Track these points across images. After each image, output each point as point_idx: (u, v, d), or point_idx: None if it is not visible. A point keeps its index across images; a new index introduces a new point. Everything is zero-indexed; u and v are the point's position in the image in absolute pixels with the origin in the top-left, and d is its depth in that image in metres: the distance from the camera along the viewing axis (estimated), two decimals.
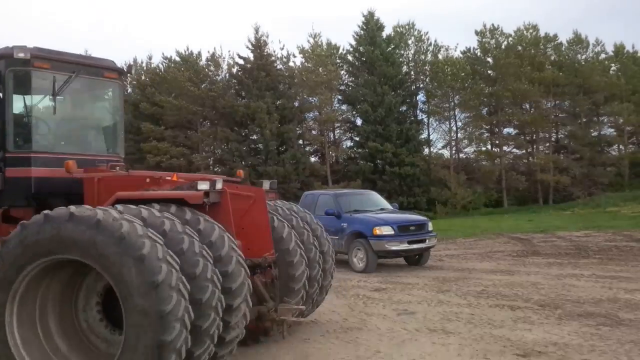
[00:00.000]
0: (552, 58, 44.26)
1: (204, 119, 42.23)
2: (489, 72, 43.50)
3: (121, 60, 70.58)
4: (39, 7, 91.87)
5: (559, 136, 47.26)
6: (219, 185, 6.10)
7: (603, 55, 45.92)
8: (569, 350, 6.54)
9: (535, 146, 45.27)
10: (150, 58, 46.97)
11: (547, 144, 45.30)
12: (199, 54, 43.51)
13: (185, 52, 43.20)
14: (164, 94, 39.63)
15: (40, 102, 7.26)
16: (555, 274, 12.11)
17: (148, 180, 6.49)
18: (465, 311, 8.82)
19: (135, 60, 47.33)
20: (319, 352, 6.91)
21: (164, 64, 44.28)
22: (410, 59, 44.25)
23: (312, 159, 42.78)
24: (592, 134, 45.50)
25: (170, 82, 40.19)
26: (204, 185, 5.98)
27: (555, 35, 44.10)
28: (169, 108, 38.93)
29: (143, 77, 44.57)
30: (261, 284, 6.63)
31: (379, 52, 39.18)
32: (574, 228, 22.04)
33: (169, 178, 6.50)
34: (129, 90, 46.86)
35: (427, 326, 7.96)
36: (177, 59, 43.25)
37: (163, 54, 62.96)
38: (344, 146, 43.73)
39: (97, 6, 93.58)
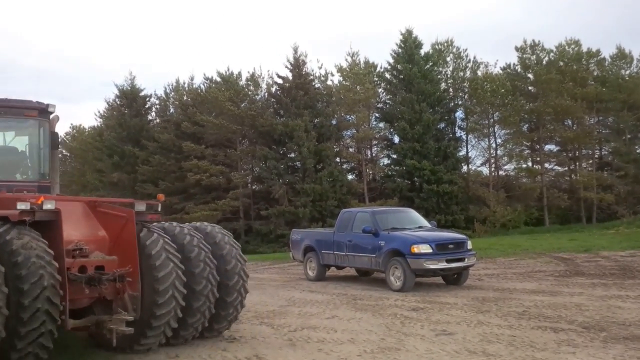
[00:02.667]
0: (595, 73, 43.42)
1: (243, 138, 42.77)
2: (530, 88, 42.89)
3: (164, 82, 72.02)
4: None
5: (603, 153, 46.16)
6: (47, 206, 7.11)
7: None
8: None
9: (577, 163, 44.29)
10: (192, 79, 47.87)
11: (590, 161, 44.26)
12: (239, 74, 44.18)
13: (225, 72, 43.92)
14: (205, 114, 40.32)
15: None
16: (600, 295, 11.77)
17: None
18: (506, 333, 8.65)
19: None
20: None
21: (205, 84, 45.12)
22: (448, 75, 43.97)
23: (349, 177, 42.78)
24: (637, 151, 44.30)
25: (211, 102, 40.89)
26: (22, 206, 7.02)
27: (598, 51, 43.28)
28: (210, 127, 39.57)
29: (185, 98, 45.46)
30: (114, 296, 7.47)
31: (417, 70, 39.09)
32: (619, 247, 21.41)
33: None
34: (172, 110, 47.94)
35: (467, 348, 7.83)
36: (218, 79, 43.99)
37: (204, 74, 64.09)
38: (381, 164, 43.62)
39: (141, 29, 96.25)
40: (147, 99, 48.24)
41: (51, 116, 9.22)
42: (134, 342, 7.72)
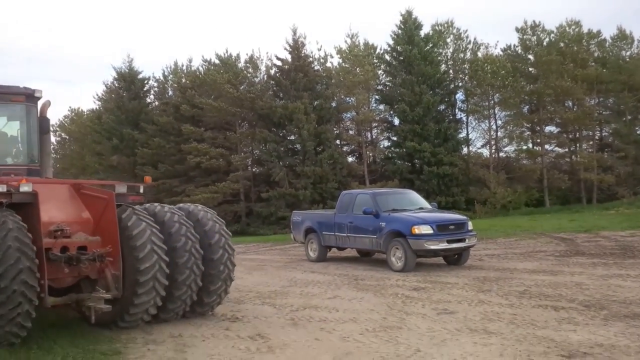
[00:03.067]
0: (596, 55, 43.20)
1: (243, 120, 42.65)
2: (530, 69, 42.65)
3: (162, 64, 71.73)
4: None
5: (603, 134, 46.09)
6: (24, 188, 7.37)
7: None
8: (616, 352, 6.38)
9: (578, 144, 44.22)
10: (190, 61, 47.75)
11: (591, 142, 44.19)
12: (238, 56, 43.96)
13: (224, 54, 43.69)
14: (204, 96, 40.19)
15: None
16: (600, 274, 11.80)
17: None
18: (507, 311, 8.68)
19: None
20: (359, 350, 6.91)
21: (203, 66, 44.93)
22: (449, 57, 43.73)
23: (350, 159, 42.76)
24: (638, 132, 44.21)
25: (210, 85, 40.73)
26: None
27: (599, 32, 43.03)
28: (209, 110, 39.44)
29: (183, 80, 45.27)
30: (97, 275, 7.81)
31: (417, 51, 38.84)
32: (619, 228, 21.43)
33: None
34: (170, 93, 47.76)
35: (468, 326, 7.86)
36: (217, 61, 43.77)
37: (203, 56, 63.95)
38: (382, 146, 43.60)
39: (138, 11, 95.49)
40: (146, 82, 48.04)
41: (42, 101, 9.42)
42: (118, 319, 8.03)
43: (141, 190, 8.89)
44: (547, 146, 43.40)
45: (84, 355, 6.92)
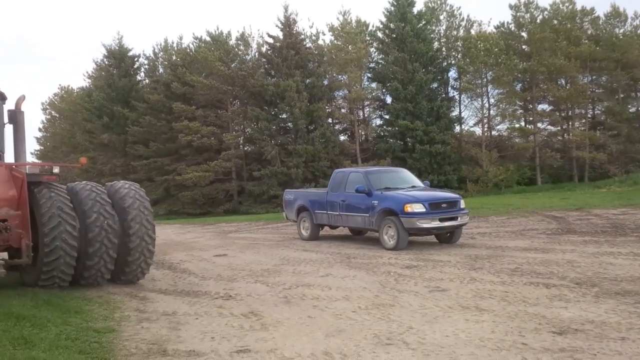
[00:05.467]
0: (589, 32, 43.18)
1: (234, 98, 42.42)
2: (524, 47, 42.59)
3: (152, 42, 71.04)
4: None
5: (596, 112, 46.21)
6: None
7: None
8: (607, 328, 6.42)
9: (570, 123, 44.32)
10: (181, 38, 47.88)
11: (583, 120, 44.30)
12: (229, 33, 43.64)
13: (215, 32, 43.32)
14: (195, 74, 39.88)
15: None
16: (592, 252, 11.86)
17: None
18: (499, 289, 8.72)
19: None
20: (352, 327, 6.92)
21: (194, 44, 44.59)
22: (441, 34, 43.53)
23: (342, 138, 42.75)
24: (630, 110, 44.38)
25: (201, 62, 40.42)
26: None
27: (593, 9, 42.95)
28: (200, 87, 39.18)
29: (174, 57, 44.87)
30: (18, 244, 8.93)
31: (410, 29, 38.59)
32: (611, 206, 21.55)
33: None
34: (160, 70, 47.35)
35: (460, 303, 7.89)
36: (208, 38, 43.39)
37: (194, 34, 63.41)
38: (374, 124, 43.50)
39: None
40: (136, 59, 47.62)
41: (17, 97, 10.57)
42: (37, 282, 9.25)
43: (54, 171, 9.79)
44: (539, 124, 43.52)
45: (78, 332, 6.89)
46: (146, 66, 48.74)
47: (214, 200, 40.02)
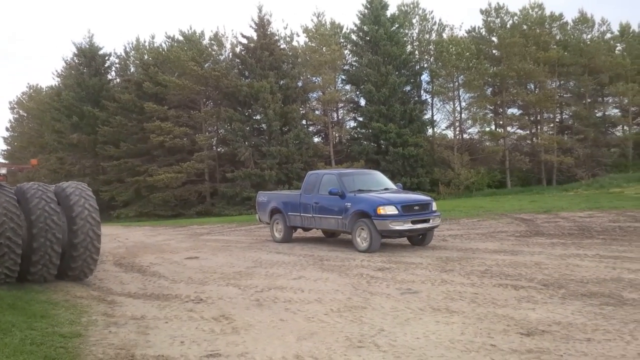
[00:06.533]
0: (558, 37, 43.96)
1: (207, 99, 42.15)
2: (494, 51, 43.18)
3: (123, 40, 70.07)
4: None
5: (564, 117, 47.07)
6: None
7: (608, 35, 45.66)
8: (573, 330, 6.55)
9: (539, 127, 45.08)
10: (153, 37, 47.53)
11: (552, 125, 45.11)
12: (202, 33, 43.40)
13: (188, 31, 43.07)
14: (167, 74, 39.51)
15: None
16: (559, 254, 12.09)
17: None
18: (469, 290, 8.83)
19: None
20: (323, 330, 6.94)
21: (167, 43, 44.19)
22: (414, 38, 43.95)
23: (316, 139, 42.78)
24: (597, 115, 45.33)
25: (174, 62, 40.04)
26: None
27: (561, 15, 43.77)
28: (172, 87, 38.81)
29: (146, 57, 44.39)
30: None
31: (383, 32, 38.86)
32: (578, 208, 21.96)
33: None
34: (132, 69, 46.80)
35: (431, 305, 7.97)
36: (180, 38, 43.08)
37: (166, 33, 62.75)
38: (348, 126, 43.67)
39: None
40: (107, 58, 47.01)
41: None
42: None
43: (3, 172, 10.70)
44: (509, 128, 44.18)
45: (43, 337, 6.75)
46: (117, 65, 48.16)
47: (186, 202, 39.68)
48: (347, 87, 42.94)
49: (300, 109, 40.36)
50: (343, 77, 42.79)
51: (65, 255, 10.20)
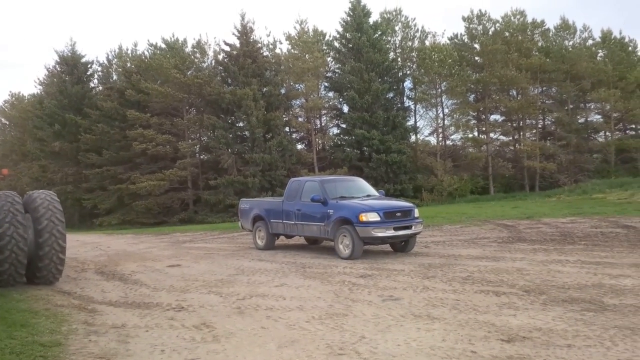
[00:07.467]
0: (540, 44, 44.45)
1: (190, 106, 41.98)
2: (476, 58, 43.54)
3: (106, 48, 69.64)
4: None
5: (546, 123, 47.53)
6: None
7: (590, 42, 46.23)
8: (554, 336, 6.56)
9: (521, 133, 45.48)
10: (135, 45, 46.94)
11: (534, 131, 45.54)
12: (185, 41, 43.23)
13: (170, 39, 42.88)
14: (150, 81, 39.28)
15: None
16: (541, 260, 12.14)
17: None
18: (451, 297, 8.83)
19: None
20: (305, 337, 6.89)
21: (149, 50, 43.99)
22: (397, 45, 44.17)
23: (299, 146, 42.77)
24: (579, 121, 45.83)
25: (156, 69, 39.84)
26: None
27: (543, 21, 44.37)
28: (155, 95, 38.60)
29: (129, 64, 44.13)
30: None
31: (366, 39, 39.02)
32: (560, 214, 22.13)
33: None
34: (114, 77, 46.51)
35: (412, 312, 7.95)
36: (163, 45, 42.91)
37: (148, 40, 62.59)
38: (331, 133, 43.69)
39: None
40: (89, 66, 46.69)
41: None
42: None
43: None
44: (491, 134, 44.53)
45: (23, 347, 6.66)
46: (99, 73, 47.84)
47: (169, 209, 39.40)
48: (330, 94, 43.04)
49: (284, 116, 40.34)
50: (326, 84, 42.87)
51: (32, 265, 10.71)
